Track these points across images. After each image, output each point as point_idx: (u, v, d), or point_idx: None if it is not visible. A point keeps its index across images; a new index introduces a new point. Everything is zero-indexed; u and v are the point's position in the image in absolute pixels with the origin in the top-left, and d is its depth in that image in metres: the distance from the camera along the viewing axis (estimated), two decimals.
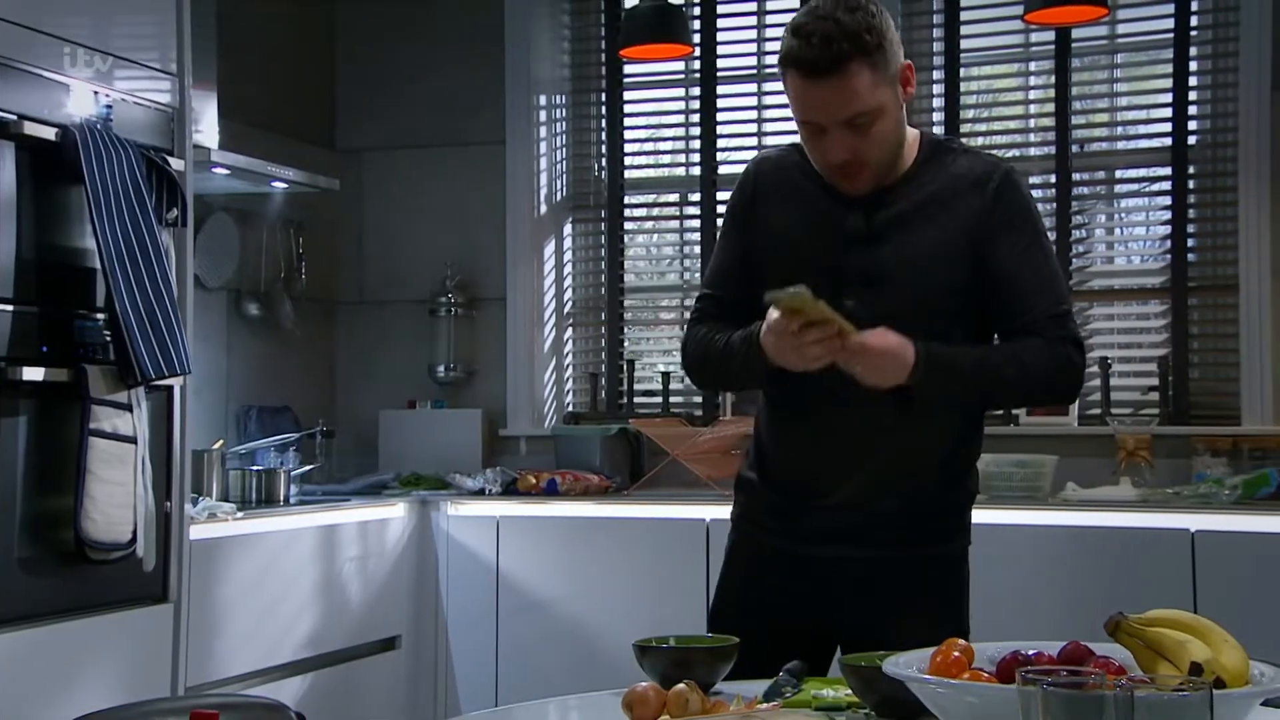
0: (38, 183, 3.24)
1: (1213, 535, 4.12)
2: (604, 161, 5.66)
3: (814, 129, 2.36)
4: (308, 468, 4.70)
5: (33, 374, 3.17)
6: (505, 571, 4.73)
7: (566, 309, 5.67)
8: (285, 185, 4.75)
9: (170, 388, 3.57)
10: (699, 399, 5.46)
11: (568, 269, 5.69)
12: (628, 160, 5.66)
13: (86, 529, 3.24)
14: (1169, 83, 5.00)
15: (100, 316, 3.38)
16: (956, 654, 1.73)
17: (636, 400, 5.48)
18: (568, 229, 5.70)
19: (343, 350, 5.68)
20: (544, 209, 5.61)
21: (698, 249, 5.53)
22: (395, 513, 4.70)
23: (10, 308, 3.15)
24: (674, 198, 5.70)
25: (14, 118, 3.16)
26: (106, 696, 3.37)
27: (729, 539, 2.70)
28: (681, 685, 2.03)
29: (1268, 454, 4.58)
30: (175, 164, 3.56)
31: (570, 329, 5.67)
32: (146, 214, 3.38)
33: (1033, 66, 5.34)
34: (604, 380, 5.53)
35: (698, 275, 5.51)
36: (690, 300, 5.53)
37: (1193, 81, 4.98)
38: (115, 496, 3.31)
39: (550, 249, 5.63)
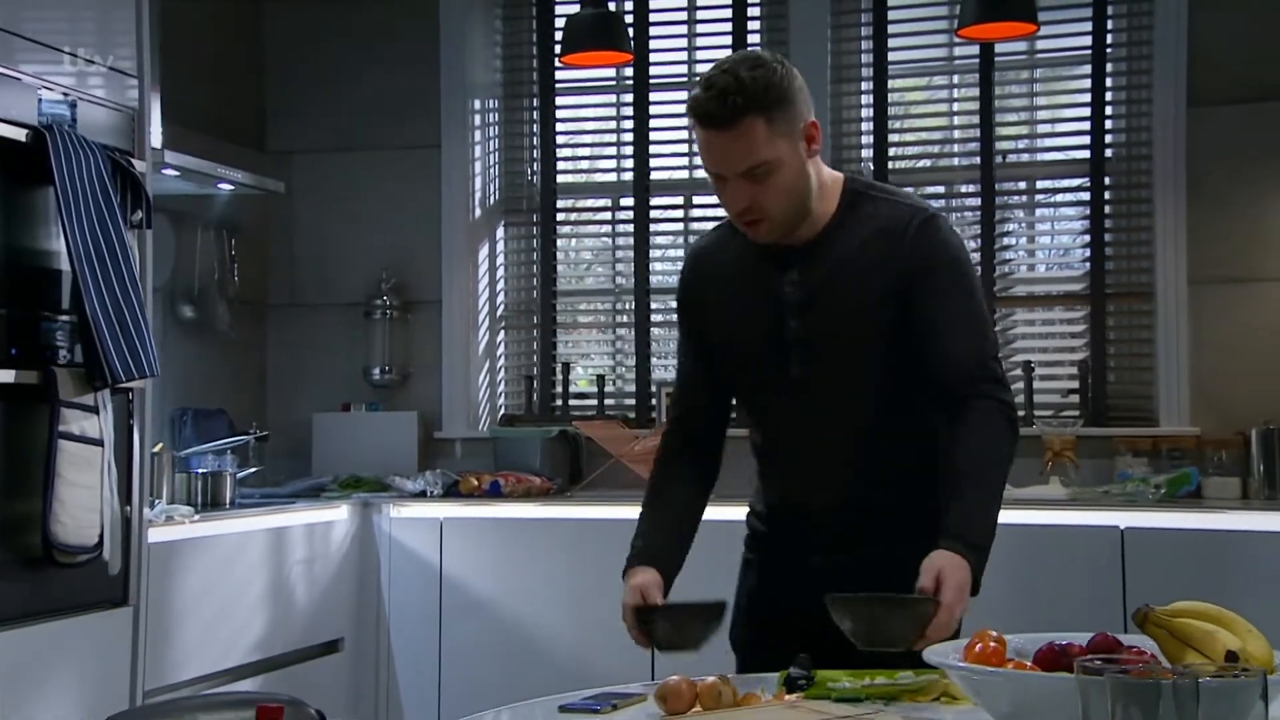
0: (6, 184, 3.22)
1: (1141, 532, 4.29)
2: (536, 166, 5.72)
3: (717, 177, 2.42)
4: (249, 471, 4.69)
5: (4, 376, 3.15)
6: (449, 573, 4.77)
7: (499, 312, 5.71)
8: (231, 187, 4.74)
9: (129, 390, 3.56)
10: (632, 401, 5.54)
11: (500, 272, 5.73)
12: (560, 165, 5.72)
13: (56, 532, 3.23)
14: (1087, 97, 5.19)
15: (65, 318, 3.37)
16: (993, 644, 1.82)
17: (571, 403, 5.55)
18: (500, 233, 5.75)
19: (274, 353, 5.67)
20: (478, 213, 5.65)
21: (631, 254, 5.60)
22: (339, 515, 4.72)
23: None
24: (606, 202, 5.77)
25: None
26: (68, 700, 3.36)
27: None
28: (713, 678, 2.11)
29: (1185, 454, 4.78)
30: (138, 165, 3.55)
31: (503, 332, 5.72)
32: (114, 216, 3.37)
33: (956, 79, 5.49)
34: (537, 383, 5.58)
35: (629, 280, 5.59)
36: (621, 304, 5.64)
37: (1109, 96, 5.18)
38: (83, 500, 3.30)
39: (484, 253, 5.67)
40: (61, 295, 3.38)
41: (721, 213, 2.55)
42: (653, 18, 5.58)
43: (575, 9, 5.14)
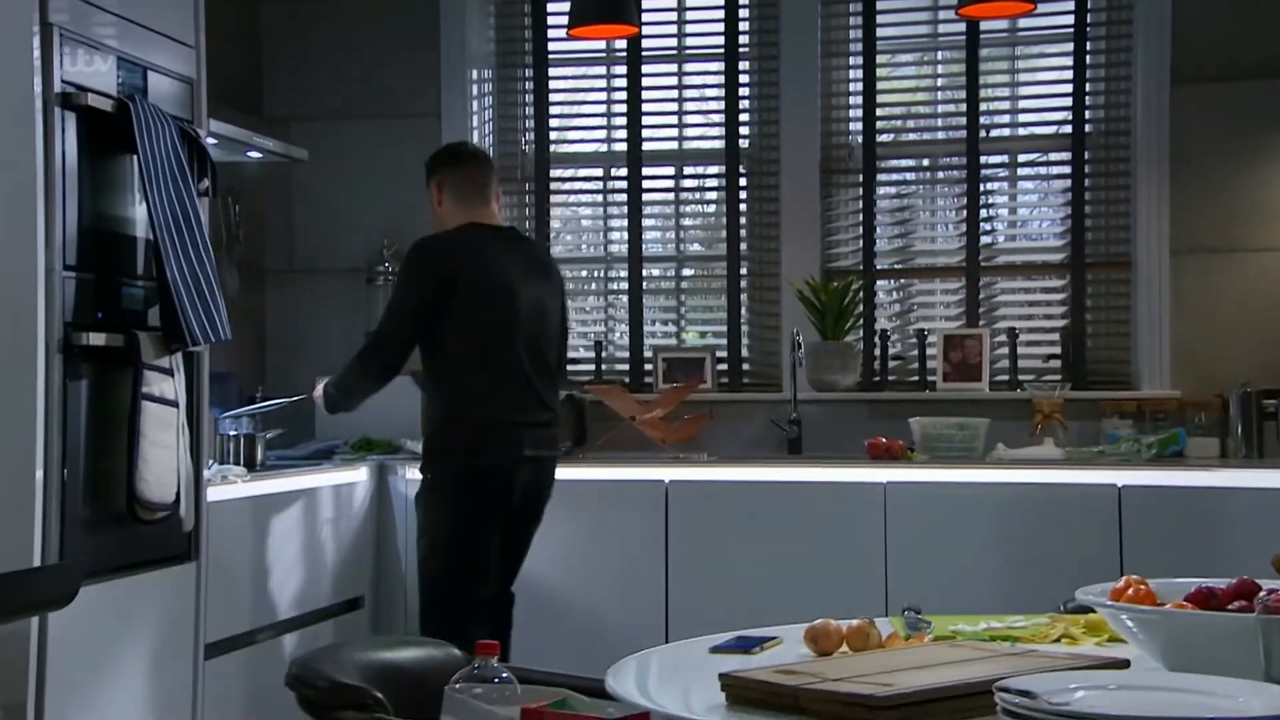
0: (92, 153, 3.29)
1: (1137, 489, 4.55)
2: (530, 136, 5.83)
3: None
4: (276, 433, 4.78)
5: (97, 339, 3.24)
6: None
7: None
8: (260, 155, 4.81)
9: (194, 354, 3.65)
10: (626, 366, 5.70)
11: None
12: (553, 135, 5.84)
13: (141, 490, 3.32)
14: (1069, 74, 5.42)
15: (141, 283, 3.45)
16: (1144, 589, 2.01)
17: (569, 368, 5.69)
18: None
19: (273, 318, 5.75)
20: None
21: (625, 221, 5.75)
22: (360, 477, 4.82)
23: (73, 275, 3.21)
24: (598, 172, 5.91)
25: (75, 89, 3.21)
26: (141, 651, 3.47)
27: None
28: (859, 620, 2.28)
29: (1167, 415, 5.04)
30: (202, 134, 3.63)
31: None
32: (188, 184, 3.47)
33: (942, 55, 5.70)
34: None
35: (621, 248, 5.75)
36: (614, 272, 5.79)
37: (1089, 73, 5.41)
38: (163, 459, 3.39)
39: None
40: (138, 260, 3.46)
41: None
42: None
43: None
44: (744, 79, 5.68)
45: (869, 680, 1.80)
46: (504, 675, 1.96)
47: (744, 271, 5.67)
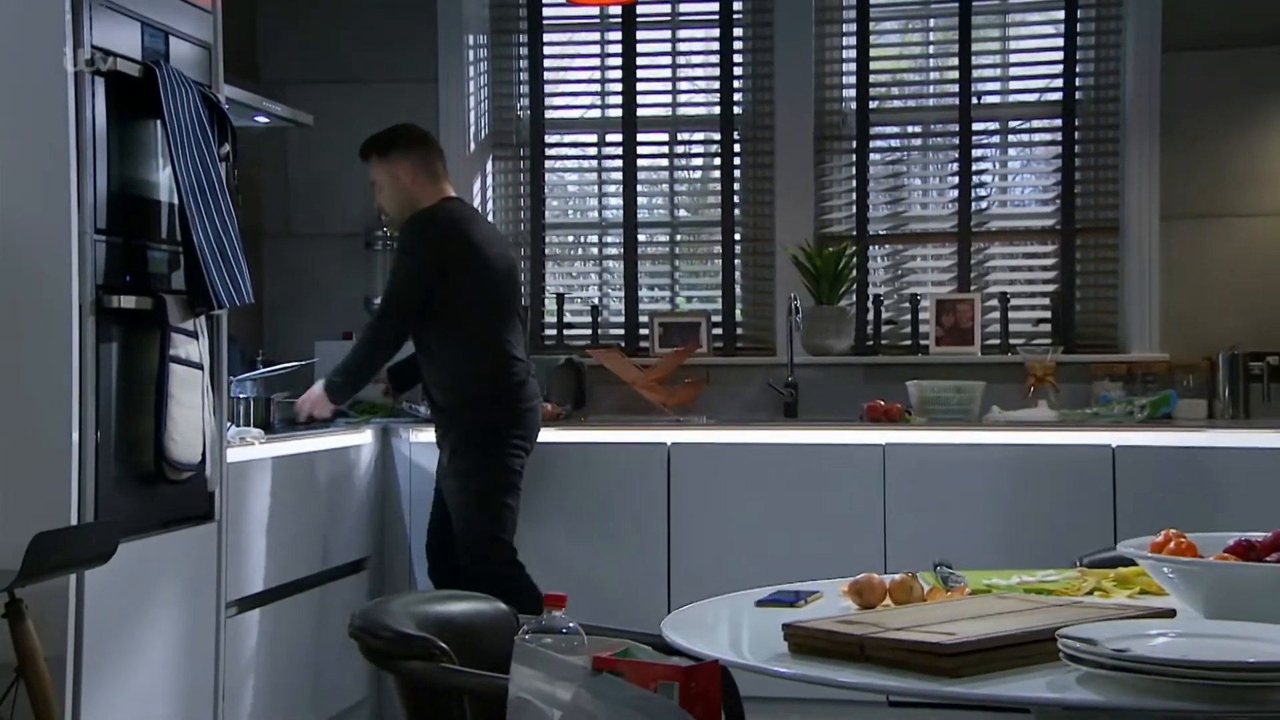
0: (118, 119, 3.32)
1: (1131, 450, 4.65)
2: (525, 102, 5.87)
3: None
4: (284, 395, 4.82)
5: (127, 302, 3.27)
6: None
7: None
8: (267, 120, 4.84)
9: (214, 317, 3.69)
10: (621, 331, 5.76)
11: (490, 205, 5.89)
12: (547, 101, 5.88)
13: (170, 450, 3.37)
14: (1060, 41, 5.51)
15: (165, 247, 3.49)
16: (1185, 541, 2.10)
17: (564, 333, 5.76)
18: (489, 167, 5.90)
19: (269, 282, 5.77)
20: (473, 147, 5.80)
21: (619, 187, 5.80)
22: (364, 439, 4.87)
23: (104, 239, 3.24)
24: (593, 138, 5.95)
25: (104, 54, 3.23)
26: (169, 608, 3.52)
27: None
28: (904, 575, 2.36)
29: (1156, 378, 5.15)
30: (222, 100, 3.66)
31: None
32: (211, 150, 3.49)
33: (934, 23, 5.77)
34: (529, 313, 5.76)
35: (616, 214, 5.80)
36: (609, 238, 5.85)
37: (1079, 41, 5.50)
38: (190, 420, 3.44)
39: (477, 186, 5.82)
40: (162, 225, 3.49)
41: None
42: None
43: None
44: (738, 45, 5.73)
45: (932, 629, 1.88)
46: (571, 626, 2.03)
47: (738, 237, 5.73)
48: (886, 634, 1.88)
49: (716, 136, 5.74)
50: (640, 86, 5.82)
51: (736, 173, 5.72)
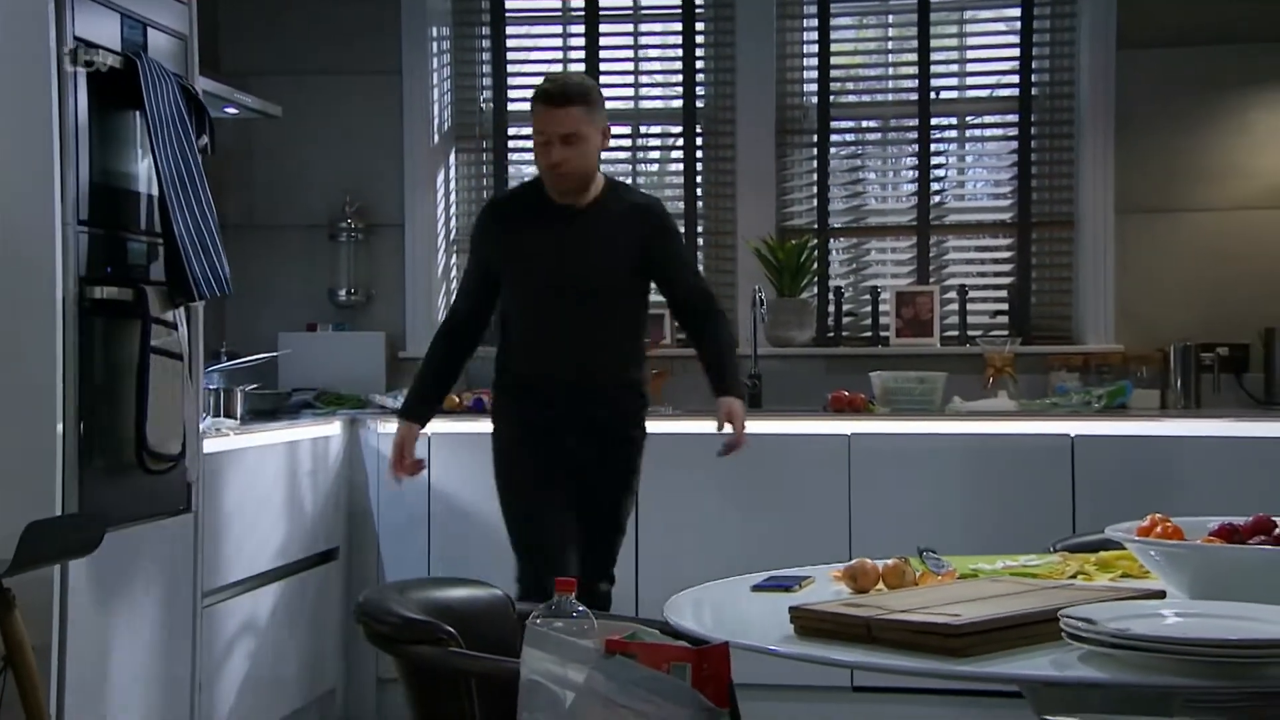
0: (99, 110, 3.32)
1: (1088, 439, 4.75)
2: (488, 95, 5.89)
3: (543, 141, 3.79)
4: (252, 388, 4.82)
5: (109, 293, 3.28)
6: (437, 485, 4.98)
7: (452, 236, 5.89)
8: (235, 111, 4.83)
9: (191, 308, 3.70)
10: None
11: (453, 197, 5.91)
12: (511, 94, 5.90)
13: (152, 441, 3.38)
14: (1017, 38, 5.60)
15: (145, 238, 3.49)
16: (1171, 525, 2.17)
17: None
18: (452, 159, 5.92)
19: (234, 272, 5.72)
20: (436, 139, 5.82)
21: None
22: (334, 430, 4.89)
23: (85, 230, 3.25)
24: None
25: (86, 46, 3.23)
26: (148, 598, 3.53)
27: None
28: (896, 560, 2.42)
29: (1111, 369, 5.26)
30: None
31: (456, 254, 5.90)
32: (190, 141, 3.51)
33: (893, 19, 5.85)
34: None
35: None
36: None
37: (1035, 38, 5.59)
38: (170, 410, 3.45)
39: (441, 178, 5.84)
40: (141, 216, 3.50)
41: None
42: None
43: None
44: (700, 39, 5.78)
45: (936, 611, 1.94)
46: (580, 610, 2.07)
47: (700, 230, 5.78)
48: (893, 616, 1.94)
49: (678, 130, 5.79)
50: (602, 80, 5.84)
51: (699, 166, 5.77)
